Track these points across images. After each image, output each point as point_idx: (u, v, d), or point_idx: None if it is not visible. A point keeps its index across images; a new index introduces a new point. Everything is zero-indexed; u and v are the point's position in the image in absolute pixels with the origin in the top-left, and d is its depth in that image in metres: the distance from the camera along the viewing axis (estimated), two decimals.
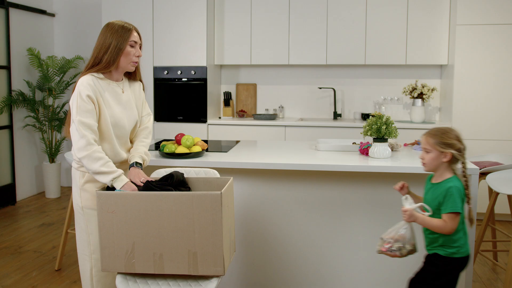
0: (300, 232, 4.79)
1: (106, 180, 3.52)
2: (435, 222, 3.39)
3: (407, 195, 3.55)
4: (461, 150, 3.49)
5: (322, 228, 4.77)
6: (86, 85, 3.60)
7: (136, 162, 3.78)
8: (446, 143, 3.47)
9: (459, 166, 3.52)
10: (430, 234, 3.52)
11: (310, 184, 4.72)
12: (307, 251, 4.82)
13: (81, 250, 3.88)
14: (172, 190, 3.39)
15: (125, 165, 3.95)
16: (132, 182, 3.61)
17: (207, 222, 3.18)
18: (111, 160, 3.61)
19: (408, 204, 3.47)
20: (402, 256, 3.54)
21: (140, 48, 3.84)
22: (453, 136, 3.50)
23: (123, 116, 3.83)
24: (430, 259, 3.54)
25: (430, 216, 3.43)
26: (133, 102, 3.95)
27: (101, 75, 3.73)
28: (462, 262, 3.48)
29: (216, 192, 3.17)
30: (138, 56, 3.82)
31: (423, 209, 3.47)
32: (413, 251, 3.55)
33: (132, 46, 3.74)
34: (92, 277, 3.84)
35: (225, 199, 3.26)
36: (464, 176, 3.52)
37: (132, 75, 4.00)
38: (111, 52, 3.67)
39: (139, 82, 4.08)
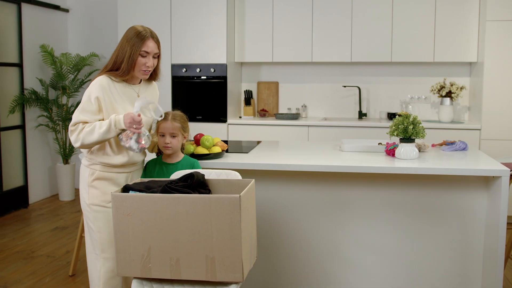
0: (324, 235, 4.79)
1: (112, 134, 3.75)
2: None
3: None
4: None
5: (347, 231, 4.76)
6: (98, 86, 3.79)
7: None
8: (185, 126, 4.16)
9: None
10: None
11: (335, 186, 4.71)
12: (331, 256, 4.81)
13: (90, 249, 3.98)
14: (190, 192, 3.39)
15: (139, 165, 4.12)
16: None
17: (225, 227, 3.18)
18: (97, 121, 3.79)
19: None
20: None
21: (158, 56, 3.94)
22: (187, 119, 4.21)
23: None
24: None
25: None
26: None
27: (117, 78, 3.87)
28: None
29: (235, 195, 3.16)
30: (148, 66, 3.88)
31: None
32: None
33: (143, 56, 3.83)
34: (100, 278, 3.90)
35: (245, 202, 3.25)
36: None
37: (152, 75, 4.10)
38: (127, 61, 3.80)
39: (154, 83, 4.22)
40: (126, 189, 3.50)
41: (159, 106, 4.00)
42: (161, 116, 4.03)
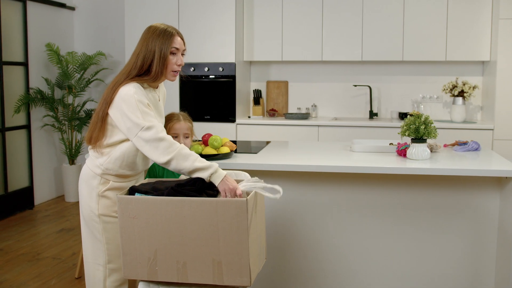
0: (334, 237, 4.78)
1: (204, 176, 3.40)
2: None
3: None
4: None
5: (357, 233, 4.75)
6: (141, 94, 3.51)
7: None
8: (193, 127, 4.29)
9: None
10: None
11: (345, 187, 4.70)
12: (341, 258, 4.80)
13: (92, 259, 3.80)
14: (197, 195, 3.37)
15: (142, 174, 3.94)
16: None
17: (232, 230, 3.16)
18: (198, 155, 3.47)
19: None
20: None
21: (183, 54, 3.70)
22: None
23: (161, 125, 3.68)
24: None
25: None
26: (163, 108, 3.90)
27: (144, 84, 3.62)
28: None
29: (242, 198, 3.15)
30: (180, 65, 3.66)
31: None
32: None
33: (173, 53, 3.61)
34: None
35: (252, 205, 3.23)
36: None
37: None
38: (158, 62, 3.55)
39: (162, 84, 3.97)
40: (132, 190, 3.48)
41: (272, 185, 3.43)
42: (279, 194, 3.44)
